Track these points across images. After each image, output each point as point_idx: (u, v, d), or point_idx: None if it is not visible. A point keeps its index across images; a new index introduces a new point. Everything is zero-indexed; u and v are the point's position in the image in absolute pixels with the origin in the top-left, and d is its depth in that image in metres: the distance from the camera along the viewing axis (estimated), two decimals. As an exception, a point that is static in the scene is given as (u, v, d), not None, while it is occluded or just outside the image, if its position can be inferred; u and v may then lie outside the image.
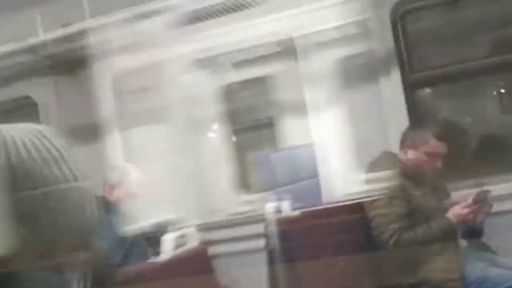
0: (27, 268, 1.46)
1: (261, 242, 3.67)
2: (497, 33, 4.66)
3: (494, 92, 5.05)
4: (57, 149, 1.42)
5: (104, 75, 4.61)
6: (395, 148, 4.03)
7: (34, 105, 5.07)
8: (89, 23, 4.36)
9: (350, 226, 3.78)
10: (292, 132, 4.90)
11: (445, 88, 4.86)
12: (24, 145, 1.39)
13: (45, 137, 1.43)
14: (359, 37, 4.28)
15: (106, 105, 4.48)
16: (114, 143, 4.73)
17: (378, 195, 3.75)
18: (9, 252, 1.43)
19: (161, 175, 4.15)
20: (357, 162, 4.16)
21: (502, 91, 5.02)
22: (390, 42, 4.30)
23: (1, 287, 1.45)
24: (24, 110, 5.17)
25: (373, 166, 3.98)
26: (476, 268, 3.68)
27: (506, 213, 3.85)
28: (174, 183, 4.09)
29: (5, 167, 1.37)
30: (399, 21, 4.32)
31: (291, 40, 4.46)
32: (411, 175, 3.84)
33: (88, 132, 4.50)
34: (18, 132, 1.42)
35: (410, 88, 4.32)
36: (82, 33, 4.42)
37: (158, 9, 4.16)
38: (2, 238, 1.41)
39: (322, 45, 4.38)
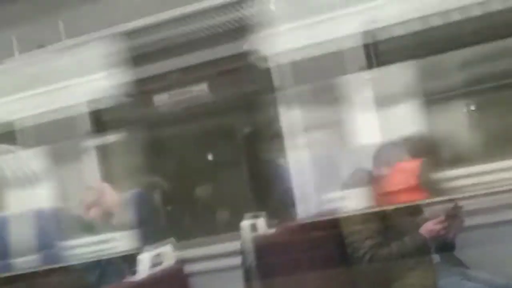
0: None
1: (237, 260, 3.62)
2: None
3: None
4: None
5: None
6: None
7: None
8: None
9: (325, 242, 3.76)
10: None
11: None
12: None
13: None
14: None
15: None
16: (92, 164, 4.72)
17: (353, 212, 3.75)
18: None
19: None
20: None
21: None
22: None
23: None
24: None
25: (347, 184, 3.98)
26: (449, 282, 3.69)
27: (477, 228, 3.84)
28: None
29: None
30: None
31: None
32: (384, 191, 3.84)
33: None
34: None
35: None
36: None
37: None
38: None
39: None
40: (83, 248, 3.91)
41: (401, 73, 4.27)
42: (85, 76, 4.45)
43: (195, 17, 4.36)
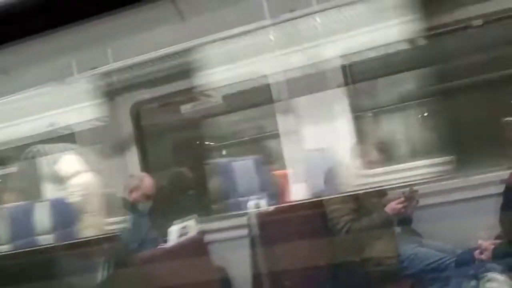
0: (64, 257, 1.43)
1: (245, 231, 3.62)
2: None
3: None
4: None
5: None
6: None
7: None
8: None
9: (312, 218, 3.75)
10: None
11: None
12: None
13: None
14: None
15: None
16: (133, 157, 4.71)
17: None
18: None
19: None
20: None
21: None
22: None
23: (43, 270, 1.42)
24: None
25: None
26: (407, 248, 3.66)
27: (428, 206, 3.83)
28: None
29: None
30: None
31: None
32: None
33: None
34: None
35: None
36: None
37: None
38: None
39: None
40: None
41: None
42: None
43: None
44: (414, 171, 4.17)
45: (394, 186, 3.94)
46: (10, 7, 0.96)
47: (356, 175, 3.98)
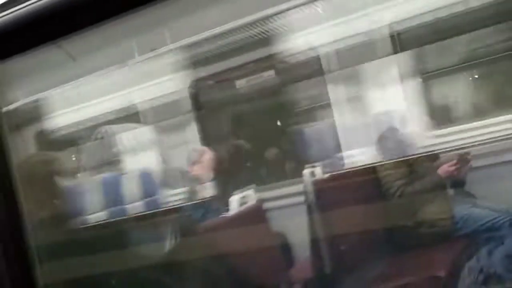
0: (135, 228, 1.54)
1: (301, 198, 3.68)
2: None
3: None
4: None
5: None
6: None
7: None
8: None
9: (366, 184, 3.77)
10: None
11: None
12: (127, 139, 1.47)
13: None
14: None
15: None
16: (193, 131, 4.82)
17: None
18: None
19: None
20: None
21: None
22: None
23: (115, 240, 1.53)
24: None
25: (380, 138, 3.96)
26: (461, 209, 3.64)
27: (481, 168, 3.78)
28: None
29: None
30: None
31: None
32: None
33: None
34: (123, 130, 1.50)
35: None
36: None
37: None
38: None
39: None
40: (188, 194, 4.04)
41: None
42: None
43: None
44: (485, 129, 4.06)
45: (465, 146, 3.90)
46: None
47: (425, 136, 3.93)
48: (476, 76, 4.74)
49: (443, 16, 3.98)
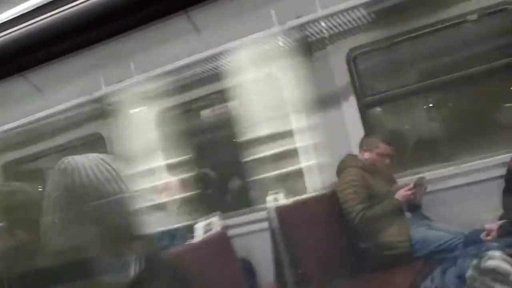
0: (98, 255, 1.52)
1: (265, 224, 3.69)
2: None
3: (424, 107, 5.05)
4: (114, 170, 1.49)
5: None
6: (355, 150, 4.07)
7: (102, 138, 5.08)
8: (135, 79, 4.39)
9: (327, 209, 3.80)
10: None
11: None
12: (91, 170, 1.46)
13: (106, 162, 1.50)
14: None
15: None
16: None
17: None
18: (84, 244, 1.49)
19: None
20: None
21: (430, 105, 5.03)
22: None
23: (78, 269, 1.50)
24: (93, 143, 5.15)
25: (341, 164, 4.01)
26: (418, 231, 3.73)
27: (436, 192, 3.86)
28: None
29: (77, 187, 1.44)
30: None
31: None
32: (368, 169, 3.87)
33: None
34: (87, 160, 1.50)
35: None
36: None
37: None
38: (80, 236, 1.48)
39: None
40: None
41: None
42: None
43: None
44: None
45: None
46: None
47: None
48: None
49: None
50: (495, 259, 2.67)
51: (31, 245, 1.86)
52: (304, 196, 4.11)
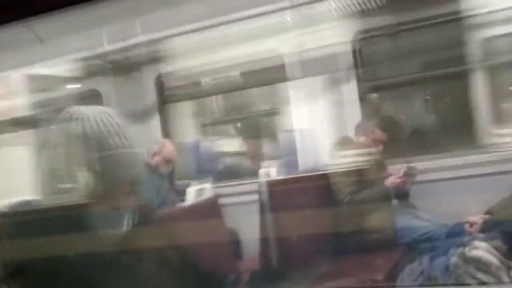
0: (96, 207, 1.53)
1: (255, 196, 3.71)
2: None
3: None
4: (117, 125, 1.49)
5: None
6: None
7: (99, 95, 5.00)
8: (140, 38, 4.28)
9: (318, 188, 3.81)
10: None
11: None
12: (96, 121, 1.46)
13: (110, 116, 1.50)
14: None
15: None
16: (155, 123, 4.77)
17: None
18: (86, 196, 1.50)
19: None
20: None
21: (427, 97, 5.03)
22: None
23: (77, 223, 1.52)
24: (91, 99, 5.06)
25: (335, 145, 4.02)
26: (403, 219, 3.78)
27: (425, 182, 3.89)
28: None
29: (82, 136, 1.44)
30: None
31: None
32: (361, 153, 3.89)
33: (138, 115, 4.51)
34: (93, 112, 1.49)
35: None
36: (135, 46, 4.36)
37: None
38: (81, 185, 1.48)
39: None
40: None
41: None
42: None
43: None
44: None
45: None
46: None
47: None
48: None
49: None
50: (480, 249, 2.72)
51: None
52: (296, 174, 4.13)
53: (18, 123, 4.50)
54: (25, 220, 1.61)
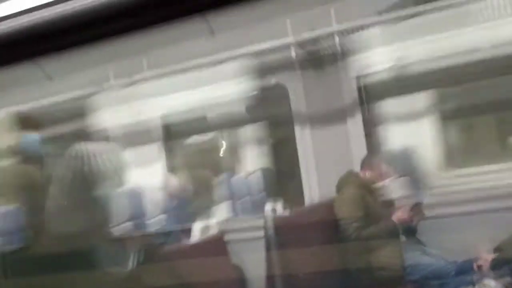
0: (101, 244, 1.51)
1: (261, 233, 3.67)
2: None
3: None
4: (117, 162, 1.48)
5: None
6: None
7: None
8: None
9: (324, 223, 3.78)
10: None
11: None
12: (95, 158, 1.46)
13: (112, 152, 1.50)
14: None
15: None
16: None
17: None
18: (86, 230, 1.48)
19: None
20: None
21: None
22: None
23: (81, 258, 1.50)
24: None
25: (341, 180, 3.99)
26: (411, 256, 3.72)
27: (433, 218, 3.84)
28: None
29: (81, 172, 1.43)
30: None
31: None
32: (367, 188, 3.86)
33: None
34: (97, 148, 1.49)
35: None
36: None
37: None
38: (77, 220, 1.47)
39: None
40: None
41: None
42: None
43: None
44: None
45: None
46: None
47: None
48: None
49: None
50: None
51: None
52: (302, 209, 4.09)
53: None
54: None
